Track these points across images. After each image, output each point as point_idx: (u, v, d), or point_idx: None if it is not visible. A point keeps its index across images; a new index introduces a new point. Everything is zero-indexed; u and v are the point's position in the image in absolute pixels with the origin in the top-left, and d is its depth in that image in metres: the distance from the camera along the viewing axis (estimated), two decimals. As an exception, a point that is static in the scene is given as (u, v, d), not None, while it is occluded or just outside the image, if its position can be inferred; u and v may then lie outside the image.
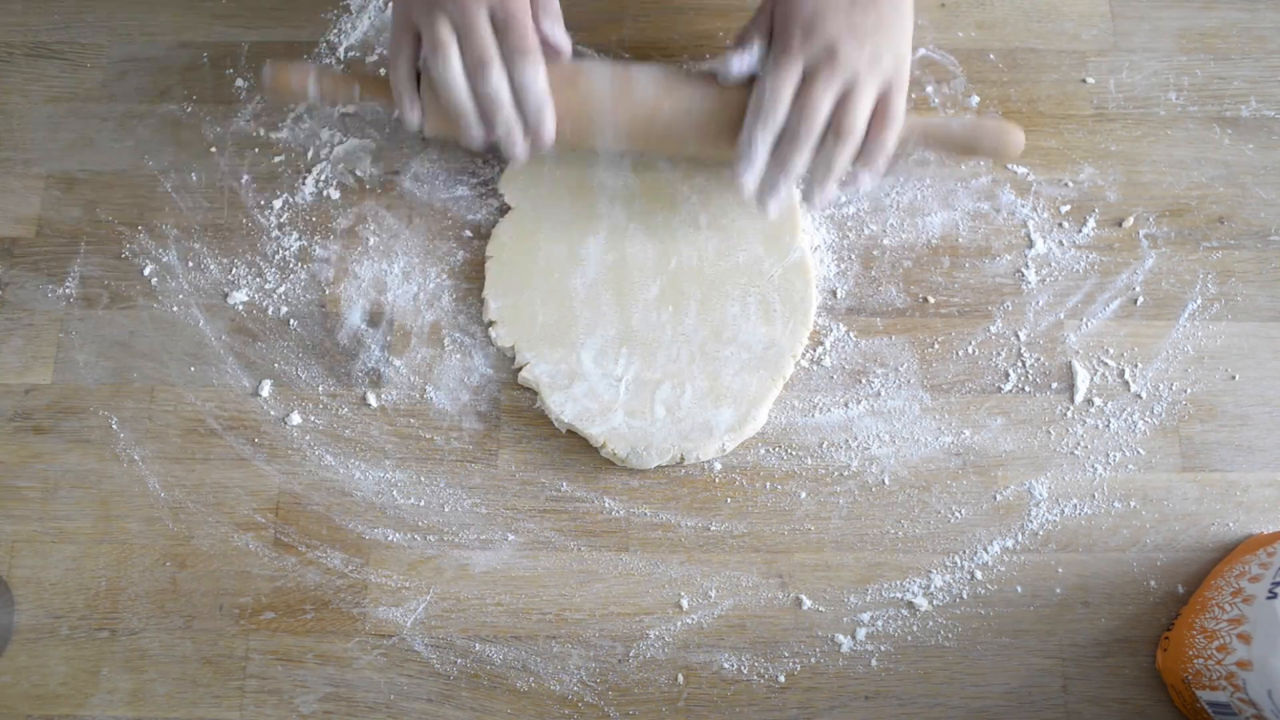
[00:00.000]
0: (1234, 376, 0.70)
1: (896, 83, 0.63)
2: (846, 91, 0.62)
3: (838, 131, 0.62)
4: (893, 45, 0.63)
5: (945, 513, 0.67)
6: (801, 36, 0.62)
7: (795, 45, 0.62)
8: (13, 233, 0.74)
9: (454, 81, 0.62)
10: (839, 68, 0.61)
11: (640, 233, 0.71)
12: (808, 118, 0.62)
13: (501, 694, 0.64)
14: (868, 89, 0.62)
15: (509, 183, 0.73)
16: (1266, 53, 0.77)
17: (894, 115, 0.63)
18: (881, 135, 0.63)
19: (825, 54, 0.62)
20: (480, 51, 0.61)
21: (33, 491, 0.68)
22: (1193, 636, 0.61)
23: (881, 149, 0.63)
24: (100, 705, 0.64)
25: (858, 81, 0.62)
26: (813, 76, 0.62)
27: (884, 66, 0.62)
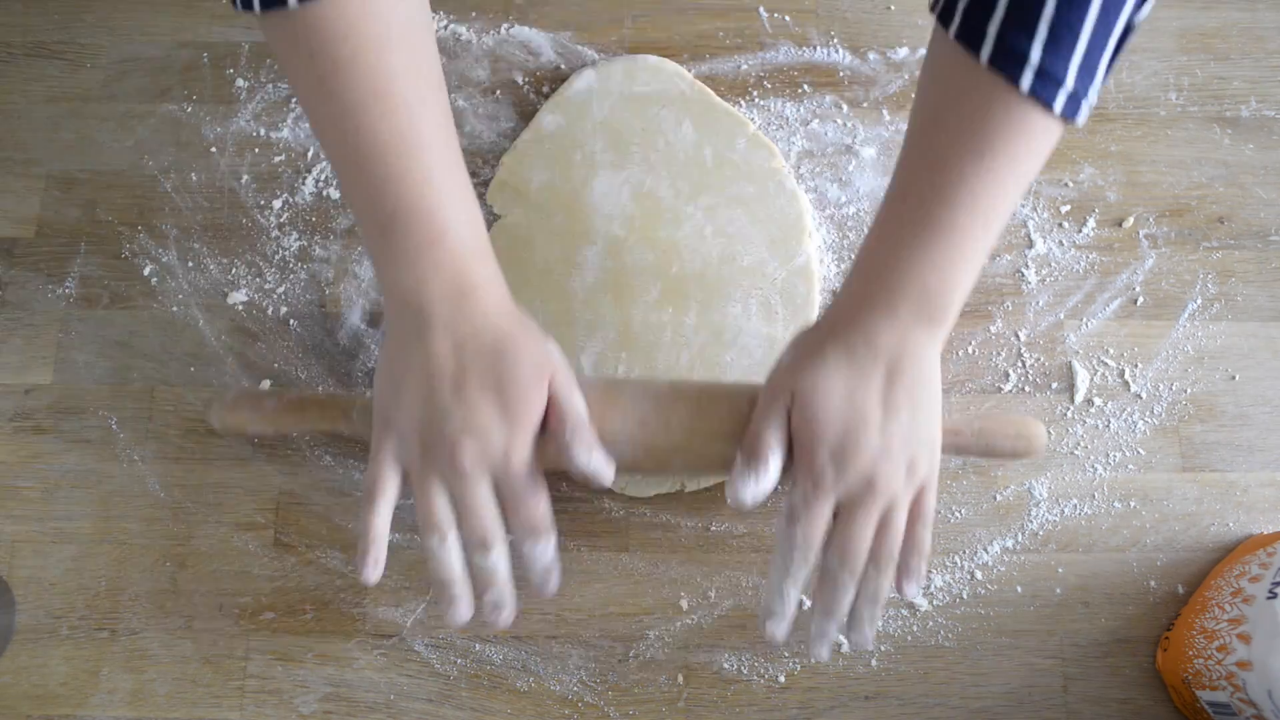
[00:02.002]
0: (1234, 376, 0.70)
1: (930, 482, 0.56)
2: (883, 519, 0.55)
3: (877, 562, 0.55)
4: (927, 444, 0.55)
5: (945, 513, 0.67)
6: (834, 468, 0.54)
7: (827, 481, 0.54)
8: (13, 233, 0.74)
9: (449, 563, 0.55)
10: (877, 498, 0.54)
11: (640, 244, 0.71)
12: (849, 562, 0.55)
13: (501, 694, 0.64)
14: (904, 507, 0.55)
15: (497, 193, 0.73)
16: (1266, 53, 0.77)
17: (927, 517, 0.56)
18: (917, 541, 0.56)
19: (863, 485, 0.54)
20: (482, 533, 0.54)
21: (33, 491, 0.68)
22: (1193, 636, 0.61)
23: (920, 555, 0.56)
24: (100, 705, 0.64)
25: (895, 505, 0.55)
26: (850, 513, 0.54)
27: (919, 474, 0.55)
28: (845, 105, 0.75)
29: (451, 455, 0.53)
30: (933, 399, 0.55)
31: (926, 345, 0.54)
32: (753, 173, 0.72)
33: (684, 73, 0.75)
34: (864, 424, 0.53)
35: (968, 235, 0.52)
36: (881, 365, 0.54)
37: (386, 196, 0.52)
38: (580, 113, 0.74)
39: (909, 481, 0.55)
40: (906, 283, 0.53)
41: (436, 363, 0.53)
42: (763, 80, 0.76)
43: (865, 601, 0.56)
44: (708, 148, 0.73)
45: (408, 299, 0.54)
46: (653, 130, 0.73)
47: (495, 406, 0.53)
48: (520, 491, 0.54)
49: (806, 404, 0.54)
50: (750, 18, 0.78)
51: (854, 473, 0.54)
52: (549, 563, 0.56)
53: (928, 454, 0.55)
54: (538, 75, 0.76)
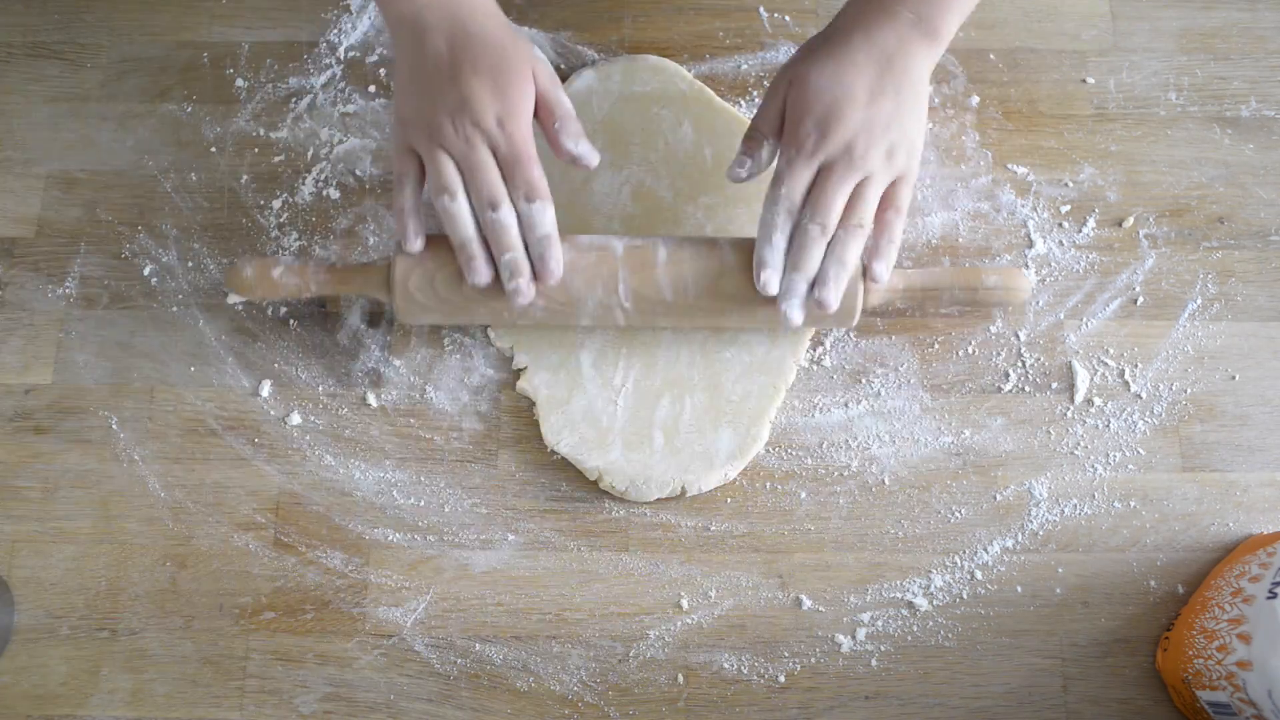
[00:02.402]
0: (1234, 376, 0.70)
1: (907, 175, 0.62)
2: (858, 187, 0.61)
3: (847, 226, 0.61)
4: (908, 138, 0.61)
5: (945, 513, 0.67)
6: (817, 135, 0.60)
7: (810, 145, 0.60)
8: (13, 233, 0.74)
9: (462, 218, 0.61)
10: (854, 166, 0.60)
11: None
12: (820, 216, 0.60)
13: (501, 694, 0.64)
14: (879, 184, 0.61)
15: None
16: (1266, 53, 0.77)
17: (900, 206, 0.62)
18: (890, 227, 0.62)
19: (842, 152, 0.60)
20: (488, 190, 0.60)
21: (33, 491, 0.68)
22: (1193, 636, 0.61)
23: (891, 241, 0.62)
24: (100, 705, 0.64)
25: (871, 178, 0.61)
26: (827, 174, 0.61)
27: (897, 162, 0.61)
28: (845, 105, 0.75)
29: (453, 125, 0.60)
30: (918, 100, 0.62)
31: (920, 53, 0.61)
32: None
33: (684, 73, 0.75)
34: (849, 100, 0.60)
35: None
36: (875, 57, 0.61)
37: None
38: (580, 112, 0.73)
39: (887, 164, 0.61)
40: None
41: (433, 58, 0.60)
42: (763, 80, 0.76)
43: (832, 261, 0.61)
44: (708, 148, 0.73)
45: (404, 16, 0.61)
46: (652, 130, 0.73)
47: (489, 85, 0.60)
48: (518, 153, 0.60)
49: (800, 84, 0.61)
50: (750, 18, 0.78)
51: (834, 141, 0.60)
52: (547, 228, 0.61)
53: (907, 146, 0.62)
54: (538, 75, 0.76)
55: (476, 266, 0.61)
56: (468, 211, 0.61)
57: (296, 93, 0.76)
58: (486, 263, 0.62)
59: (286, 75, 0.77)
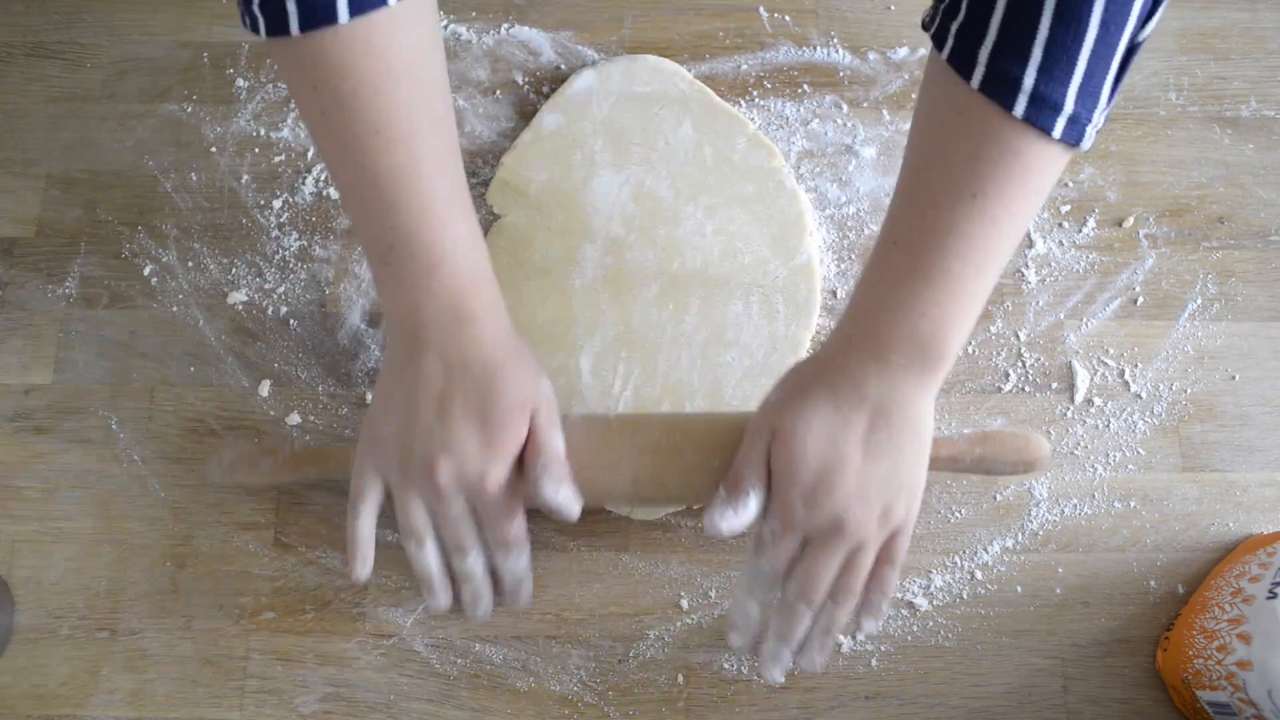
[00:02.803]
0: (1234, 376, 0.70)
1: (905, 527, 0.56)
2: (849, 558, 0.56)
3: (836, 597, 0.56)
4: (906, 488, 0.55)
5: (945, 513, 0.67)
6: (804, 507, 0.54)
7: (796, 520, 0.55)
8: (13, 233, 0.74)
9: (427, 561, 0.58)
10: (845, 539, 0.55)
11: (640, 242, 0.71)
12: (807, 595, 0.56)
13: (501, 694, 0.64)
14: (873, 550, 0.56)
15: (497, 193, 0.73)
16: (1266, 53, 0.77)
17: (896, 560, 0.57)
18: (884, 581, 0.57)
19: (831, 526, 0.54)
20: (458, 540, 0.57)
21: (33, 491, 0.68)
22: (1193, 636, 0.61)
23: (884, 595, 0.57)
24: (100, 705, 0.64)
25: (864, 547, 0.55)
26: (815, 549, 0.55)
27: (893, 520, 0.55)
28: (845, 105, 0.75)
29: (429, 473, 0.55)
30: (918, 446, 0.55)
31: (917, 393, 0.53)
32: (752, 172, 0.72)
33: (684, 72, 0.75)
34: (840, 467, 0.53)
35: (961, 281, 0.50)
36: (866, 411, 0.53)
37: (386, 227, 0.53)
38: (580, 112, 0.74)
39: (881, 526, 0.55)
40: (897, 330, 0.52)
41: (424, 384, 0.55)
42: (763, 80, 0.76)
43: (818, 631, 0.58)
44: (708, 147, 0.73)
45: (404, 323, 0.55)
46: (653, 130, 0.73)
47: (476, 431, 0.55)
48: (494, 513, 0.57)
49: (785, 443, 0.54)
50: (750, 18, 0.78)
51: (823, 514, 0.54)
52: (521, 574, 0.60)
53: (906, 500, 0.55)
54: (538, 75, 0.76)
55: (437, 598, 0.60)
56: (435, 557, 0.58)
57: (296, 93, 0.76)
58: (447, 591, 0.60)
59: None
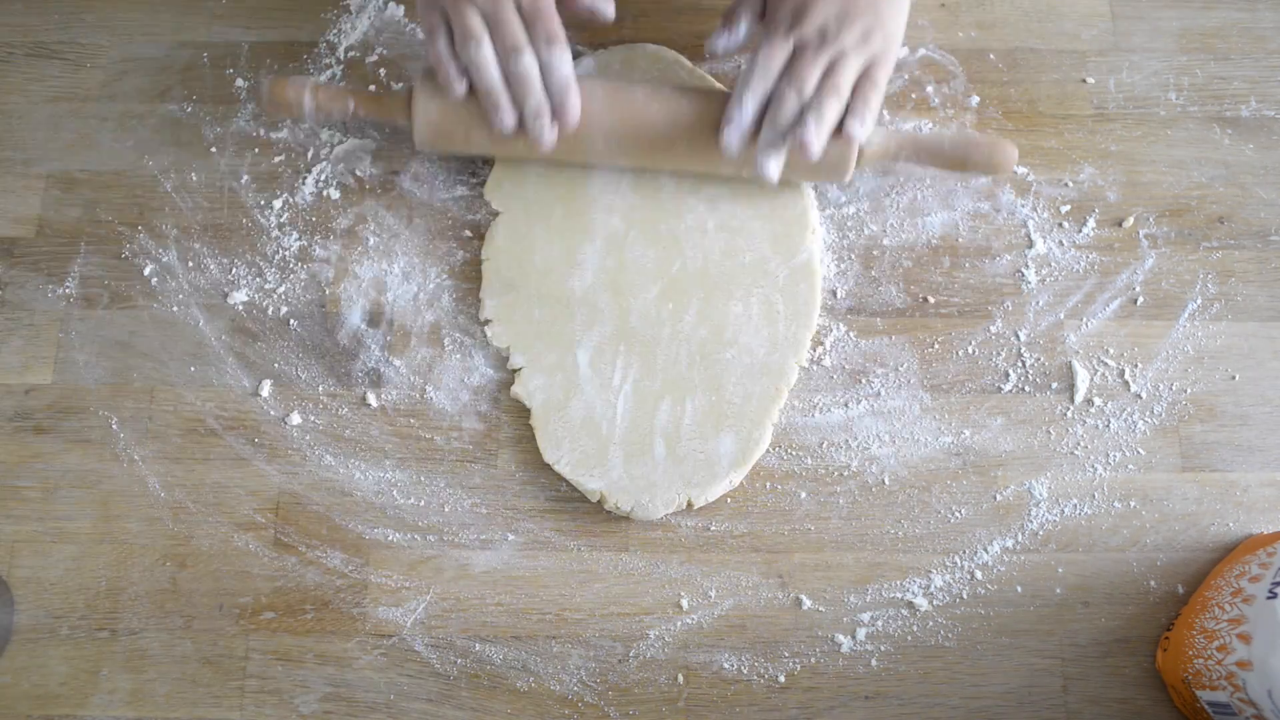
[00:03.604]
0: (1234, 376, 0.70)
1: (882, 58, 0.65)
2: (833, 62, 0.64)
3: (822, 90, 0.64)
4: (884, 23, 0.65)
5: (945, 513, 0.67)
6: (792, 19, 0.64)
7: (785, 27, 0.64)
8: (13, 233, 0.74)
9: (488, 65, 0.64)
10: (828, 45, 0.64)
11: (641, 240, 0.71)
12: (795, 82, 0.63)
13: (501, 694, 0.64)
14: (854, 61, 0.64)
15: (495, 190, 0.73)
16: (1266, 53, 0.77)
17: (877, 79, 0.65)
18: (866, 97, 0.64)
19: (816, 33, 0.64)
20: (511, 39, 0.64)
21: (33, 491, 0.68)
22: (1193, 636, 0.61)
23: (866, 105, 0.64)
24: (100, 705, 0.64)
25: (845, 55, 0.64)
26: (801, 50, 0.64)
27: (872, 44, 0.64)
28: (845, 105, 0.75)
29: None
30: None
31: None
32: None
33: (683, 60, 0.75)
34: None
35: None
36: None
37: None
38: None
39: (861, 46, 0.64)
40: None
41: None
42: (763, 80, 0.76)
43: (810, 113, 0.63)
44: None
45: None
46: None
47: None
48: (537, 5, 0.64)
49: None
50: None
51: (809, 23, 0.64)
52: (567, 75, 0.65)
53: (883, 32, 0.65)
54: (538, 75, 0.76)
55: (502, 113, 0.65)
56: (493, 59, 0.64)
57: (296, 93, 0.76)
58: (511, 109, 0.65)
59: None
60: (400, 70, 0.76)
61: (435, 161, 0.74)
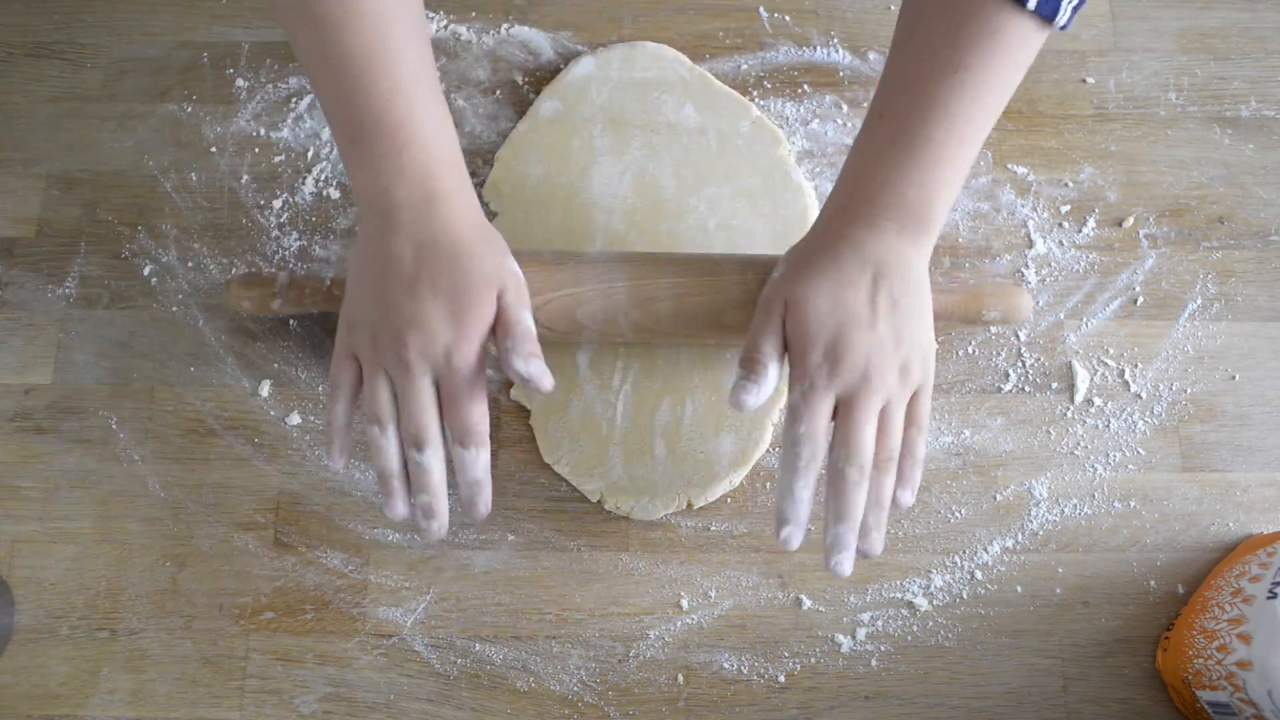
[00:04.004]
0: (1234, 376, 0.70)
1: (925, 386, 0.58)
2: (882, 419, 0.56)
3: (880, 466, 0.56)
4: (919, 345, 0.57)
5: (945, 513, 0.67)
6: (829, 366, 0.55)
7: (823, 379, 0.56)
8: (13, 233, 0.74)
9: (387, 453, 0.57)
10: (874, 392, 0.56)
11: (641, 240, 0.71)
12: (856, 456, 0.55)
13: (501, 694, 0.64)
14: (900, 407, 0.57)
15: (494, 191, 0.73)
16: (1266, 53, 0.77)
17: (922, 422, 0.58)
18: (913, 447, 0.58)
19: (859, 381, 0.55)
20: (418, 430, 0.56)
21: (33, 491, 0.68)
22: (1193, 636, 0.61)
23: (915, 463, 0.58)
24: (100, 705, 0.64)
25: (892, 402, 0.56)
26: (849, 407, 0.56)
27: (913, 376, 0.57)
28: (845, 105, 0.75)
29: (397, 348, 0.56)
30: (922, 304, 0.57)
31: (911, 254, 0.56)
32: (757, 160, 0.72)
33: (683, 58, 0.75)
34: (854, 322, 0.55)
35: (944, 149, 0.54)
36: (868, 270, 0.56)
37: (355, 106, 0.54)
38: (579, 98, 0.74)
39: (902, 383, 0.57)
40: (886, 197, 0.55)
41: (395, 263, 0.56)
42: (763, 80, 0.76)
43: (873, 507, 0.57)
44: (711, 130, 0.73)
45: (374, 203, 0.56)
46: (654, 114, 0.73)
47: (445, 308, 0.55)
48: (458, 392, 0.56)
49: (798, 309, 0.56)
50: (750, 18, 0.78)
51: (849, 368, 0.55)
52: (479, 475, 0.57)
53: (920, 358, 0.57)
54: (538, 75, 0.76)
55: (393, 502, 0.58)
56: (395, 446, 0.57)
57: (296, 93, 0.76)
58: (404, 501, 0.58)
59: (286, 75, 0.77)
60: (400, 70, 0.76)
61: (435, 161, 0.74)
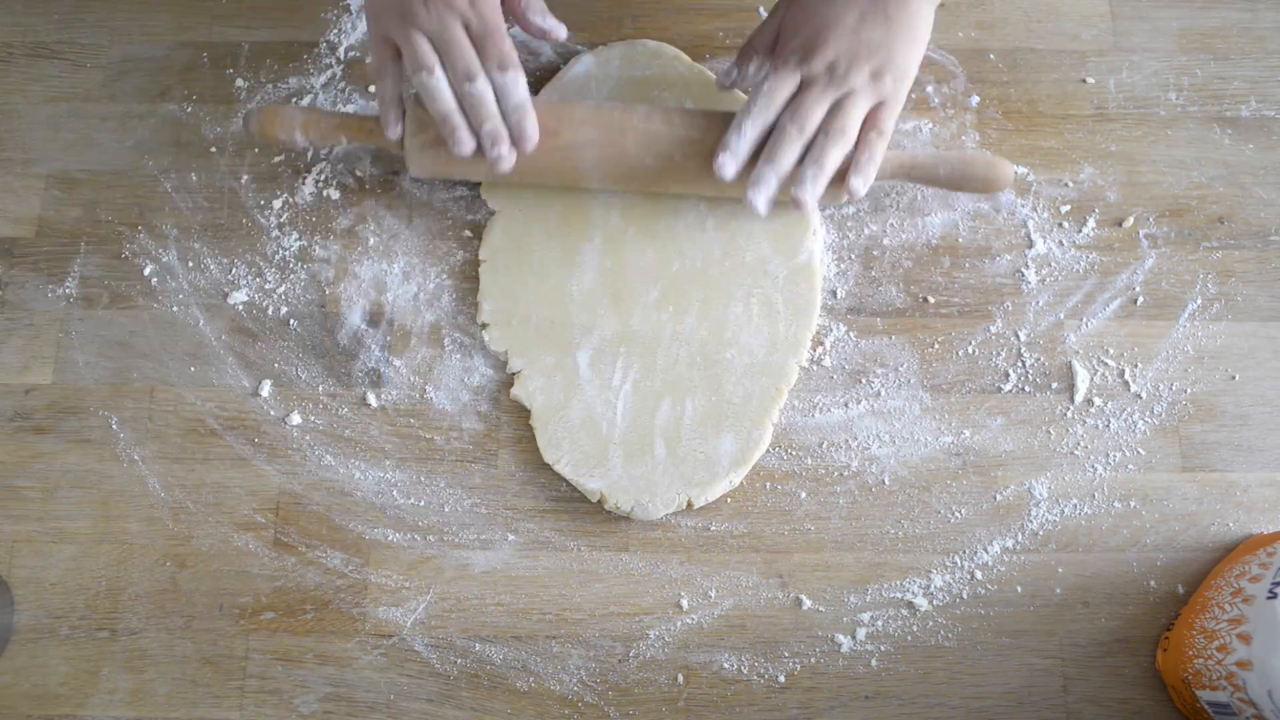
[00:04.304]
0: (1234, 376, 0.70)
1: (892, 100, 0.63)
2: (839, 101, 0.63)
3: (827, 131, 0.62)
4: (896, 64, 0.63)
5: (945, 513, 0.67)
6: (802, 53, 0.63)
7: (794, 62, 0.63)
8: (13, 233, 0.74)
9: (442, 92, 0.63)
10: (835, 82, 0.62)
11: (640, 238, 0.71)
12: (798, 118, 0.62)
13: (501, 694, 0.64)
14: (861, 101, 0.63)
15: (491, 188, 0.73)
16: (1266, 53, 0.77)
17: (884, 127, 0.63)
18: (870, 146, 0.63)
19: (824, 70, 0.62)
20: (464, 64, 0.62)
21: (33, 491, 0.68)
22: (1193, 636, 0.61)
23: (870, 157, 0.63)
24: (100, 705, 0.64)
25: (852, 95, 0.62)
26: (808, 86, 0.63)
27: (882, 86, 0.63)
28: (845, 105, 0.75)
29: (426, 5, 0.61)
30: (913, 27, 0.63)
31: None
32: None
33: (682, 56, 0.75)
34: (838, 24, 0.62)
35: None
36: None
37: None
38: (579, 96, 0.74)
39: (871, 86, 0.62)
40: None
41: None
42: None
43: (810, 163, 0.62)
44: None
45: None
46: None
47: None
48: (488, 28, 0.62)
49: (795, 5, 0.64)
50: (750, 18, 0.78)
51: (817, 60, 0.62)
52: (521, 97, 0.64)
53: (895, 73, 0.63)
54: (538, 75, 0.76)
55: (459, 137, 0.64)
56: (446, 86, 0.63)
57: (296, 92, 0.76)
58: (468, 133, 0.64)
59: (286, 75, 0.77)
60: (400, 70, 0.77)
61: (435, 161, 0.74)
